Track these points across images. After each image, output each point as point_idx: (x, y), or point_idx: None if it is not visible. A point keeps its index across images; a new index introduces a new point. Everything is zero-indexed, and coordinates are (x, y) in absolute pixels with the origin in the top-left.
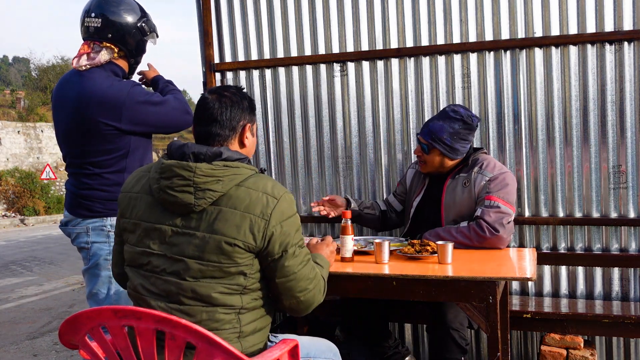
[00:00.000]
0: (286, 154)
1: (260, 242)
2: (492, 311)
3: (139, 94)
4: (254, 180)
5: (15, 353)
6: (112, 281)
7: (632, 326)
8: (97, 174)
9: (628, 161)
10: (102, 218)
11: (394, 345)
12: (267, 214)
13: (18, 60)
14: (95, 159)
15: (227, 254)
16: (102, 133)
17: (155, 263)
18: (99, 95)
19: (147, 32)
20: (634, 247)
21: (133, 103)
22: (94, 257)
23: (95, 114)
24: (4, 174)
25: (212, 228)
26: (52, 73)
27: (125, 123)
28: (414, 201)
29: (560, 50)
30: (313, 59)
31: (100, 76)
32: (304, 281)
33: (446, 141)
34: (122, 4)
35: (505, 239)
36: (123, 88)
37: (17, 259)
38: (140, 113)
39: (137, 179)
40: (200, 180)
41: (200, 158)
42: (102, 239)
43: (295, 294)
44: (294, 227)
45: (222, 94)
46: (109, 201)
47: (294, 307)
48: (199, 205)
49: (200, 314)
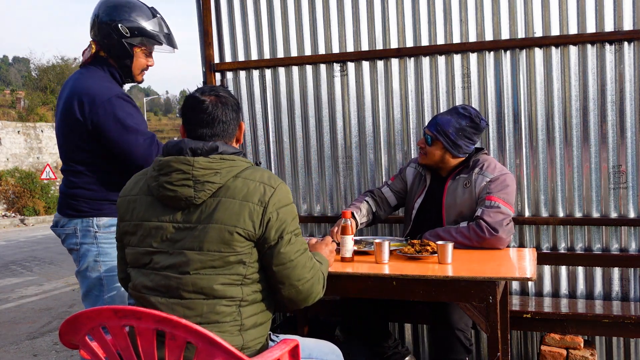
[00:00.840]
0: (286, 154)
1: (258, 229)
2: (492, 311)
3: (119, 106)
4: (250, 171)
5: (15, 353)
6: (104, 283)
7: (632, 326)
8: (81, 171)
9: (628, 161)
10: (89, 218)
11: (393, 345)
12: (264, 201)
13: (18, 60)
14: (77, 157)
15: (226, 243)
16: (73, 126)
17: (156, 260)
18: (83, 90)
19: (124, 34)
20: (634, 247)
21: (107, 109)
22: (83, 259)
23: (75, 109)
24: (4, 174)
25: (212, 218)
26: (52, 73)
27: (89, 121)
28: (415, 202)
29: (560, 50)
30: (313, 59)
31: (96, 75)
32: (301, 269)
33: (451, 135)
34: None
35: (505, 239)
36: (108, 92)
37: (17, 259)
38: (106, 122)
39: (135, 182)
40: (199, 173)
41: (197, 153)
42: (90, 240)
43: (293, 282)
44: (290, 215)
45: (219, 95)
46: (94, 200)
47: (293, 298)
48: (199, 197)
49: (201, 307)
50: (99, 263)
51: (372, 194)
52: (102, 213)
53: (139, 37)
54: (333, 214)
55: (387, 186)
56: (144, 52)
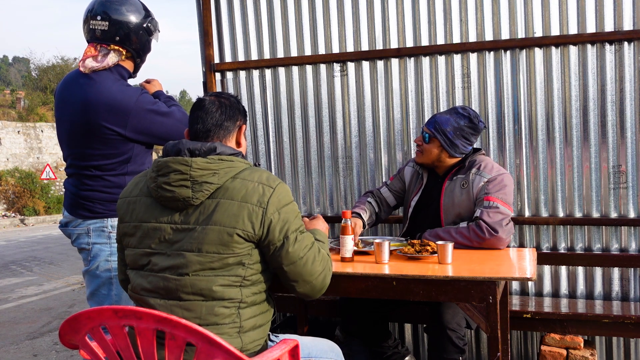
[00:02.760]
0: (286, 154)
1: (258, 231)
2: (492, 311)
3: (147, 102)
4: (249, 172)
5: (15, 353)
6: (113, 282)
7: (632, 326)
8: (99, 176)
9: (628, 161)
10: (103, 219)
11: (393, 345)
12: (264, 202)
13: (18, 60)
14: (97, 163)
15: (225, 244)
16: (105, 137)
17: (155, 262)
18: (108, 99)
19: (152, 31)
20: (634, 247)
21: (140, 110)
22: (95, 258)
23: (101, 118)
24: (4, 174)
25: (211, 219)
26: (52, 73)
27: (130, 130)
28: (412, 200)
29: (560, 50)
30: (313, 59)
31: (109, 79)
32: (312, 264)
33: (448, 134)
34: (125, 4)
35: (505, 239)
36: (132, 94)
37: (17, 259)
38: (146, 121)
39: (135, 184)
40: (196, 174)
41: (195, 153)
42: (103, 240)
43: (306, 278)
44: (292, 213)
45: (220, 96)
46: (110, 202)
47: (309, 292)
48: (197, 198)
49: (200, 308)
50: (110, 262)
51: (372, 195)
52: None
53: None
54: (333, 214)
55: (386, 186)
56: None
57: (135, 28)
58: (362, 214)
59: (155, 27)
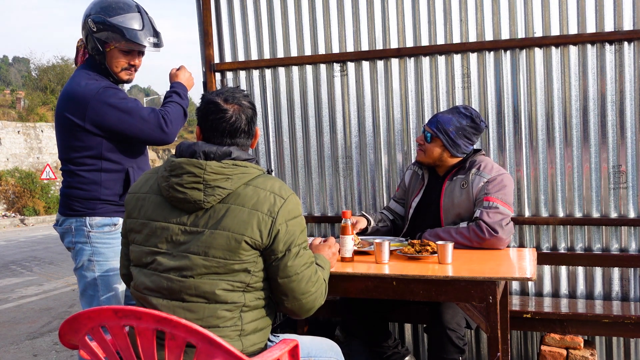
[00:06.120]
0: (286, 154)
1: (266, 240)
2: (492, 311)
3: (108, 95)
4: (262, 179)
5: (15, 353)
6: (98, 283)
7: (632, 326)
8: (73, 171)
9: (628, 161)
10: (82, 217)
11: (393, 345)
12: (274, 212)
13: (18, 60)
14: (68, 156)
15: (232, 250)
16: (69, 128)
17: (160, 261)
18: (71, 90)
19: (91, 29)
20: (634, 247)
21: (98, 103)
22: (78, 257)
23: (63, 108)
24: (4, 174)
25: (220, 224)
26: (52, 73)
27: (89, 123)
28: (412, 201)
29: (560, 50)
30: (313, 59)
31: (80, 74)
32: (306, 283)
33: (451, 134)
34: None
35: (505, 239)
36: (93, 88)
37: (17, 259)
38: (104, 114)
39: (145, 180)
40: (210, 178)
41: (210, 157)
42: (83, 239)
43: (297, 296)
44: (299, 227)
45: (241, 104)
46: (87, 200)
47: (296, 310)
48: (208, 202)
49: (202, 310)
50: (92, 263)
51: (386, 208)
52: (94, 213)
53: (105, 31)
54: (333, 214)
55: (393, 200)
56: (118, 50)
57: (83, 25)
58: (368, 215)
59: (99, 27)
